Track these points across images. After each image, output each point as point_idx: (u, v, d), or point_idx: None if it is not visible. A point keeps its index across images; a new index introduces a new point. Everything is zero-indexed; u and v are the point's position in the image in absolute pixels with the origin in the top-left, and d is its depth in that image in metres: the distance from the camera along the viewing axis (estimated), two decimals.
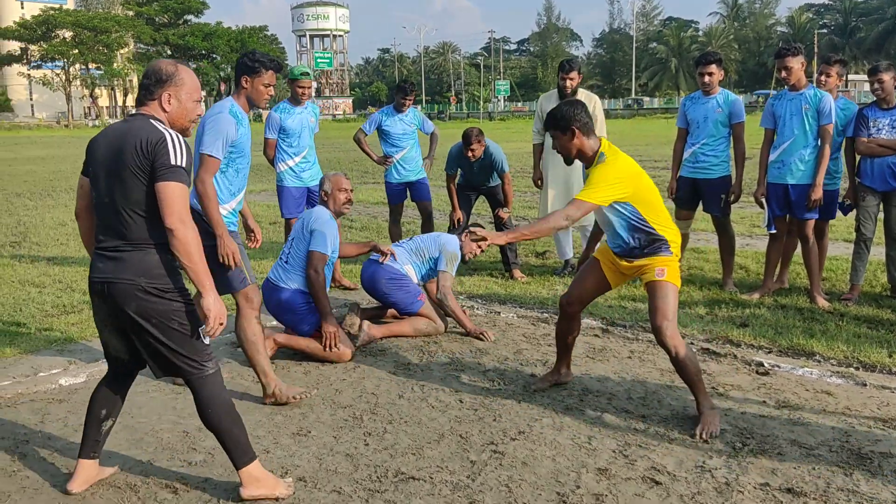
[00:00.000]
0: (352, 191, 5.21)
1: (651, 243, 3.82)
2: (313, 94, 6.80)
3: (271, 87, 4.19)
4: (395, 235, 7.43)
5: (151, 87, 2.98)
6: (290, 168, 6.54)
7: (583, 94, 6.86)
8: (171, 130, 2.89)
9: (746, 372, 4.52)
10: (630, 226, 3.80)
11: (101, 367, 4.75)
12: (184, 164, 2.85)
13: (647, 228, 3.79)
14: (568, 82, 6.74)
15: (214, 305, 2.90)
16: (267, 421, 3.95)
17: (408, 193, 7.48)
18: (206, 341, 3.02)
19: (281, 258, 5.10)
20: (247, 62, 4.13)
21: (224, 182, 4.11)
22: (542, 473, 3.35)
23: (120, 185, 2.86)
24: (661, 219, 3.83)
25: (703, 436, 3.61)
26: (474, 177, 7.15)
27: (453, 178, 7.21)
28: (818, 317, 5.52)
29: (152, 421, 3.97)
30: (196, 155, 4.00)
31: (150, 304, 2.89)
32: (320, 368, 4.73)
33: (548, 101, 7.01)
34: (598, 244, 4.29)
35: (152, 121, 2.91)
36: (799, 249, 6.15)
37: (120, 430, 3.83)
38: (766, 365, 4.59)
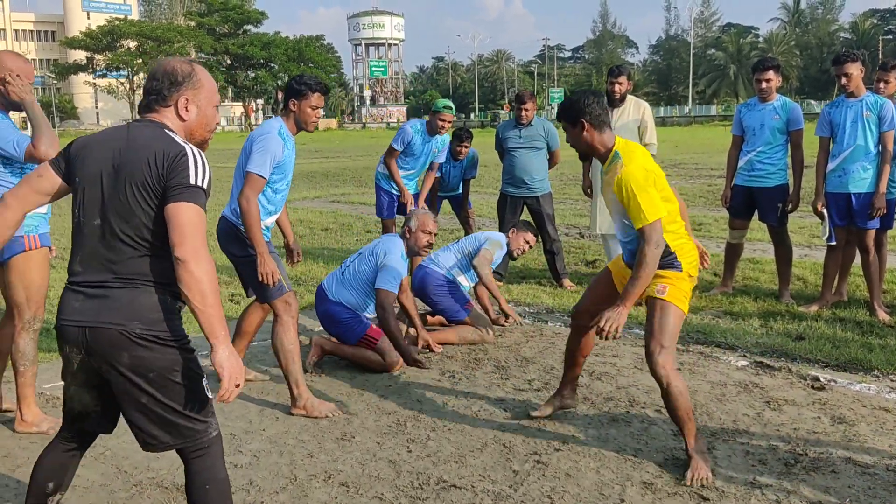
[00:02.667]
0: (435, 234, 5.14)
1: (663, 254, 3.42)
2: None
3: (319, 110, 4.20)
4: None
5: (164, 90, 2.45)
6: (389, 175, 6.72)
7: (632, 101, 6.78)
8: (190, 144, 2.40)
9: (801, 386, 4.38)
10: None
11: None
12: (205, 186, 2.35)
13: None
14: (616, 87, 6.67)
15: (229, 361, 2.28)
16: (312, 425, 3.98)
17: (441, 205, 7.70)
18: (210, 395, 2.46)
19: (340, 268, 5.11)
20: (294, 85, 4.13)
21: (262, 201, 4.12)
22: (586, 485, 3.30)
23: (118, 205, 2.32)
24: (676, 227, 3.48)
25: (696, 482, 3.25)
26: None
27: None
28: (878, 330, 5.34)
29: None
30: (240, 171, 4.08)
31: (147, 356, 2.32)
32: (365, 375, 4.75)
33: None
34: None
35: (167, 131, 2.41)
36: (858, 261, 5.96)
37: None
38: (822, 380, 4.45)
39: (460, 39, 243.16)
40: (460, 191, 7.62)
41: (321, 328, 5.42)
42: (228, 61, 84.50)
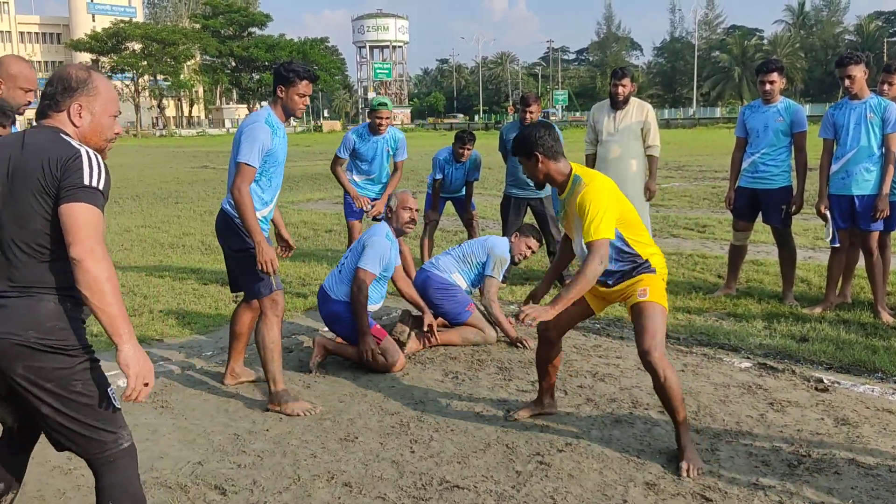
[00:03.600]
0: (417, 210, 5.18)
1: (633, 266, 3.57)
2: (393, 121, 6.80)
3: (306, 97, 4.21)
4: (427, 246, 7.63)
5: (57, 95, 2.41)
6: (354, 181, 6.68)
7: (635, 103, 6.78)
8: (87, 147, 2.35)
9: (805, 388, 4.38)
10: (615, 248, 3.54)
11: (160, 368, 4.88)
12: (101, 187, 2.29)
13: (630, 251, 3.55)
14: (620, 89, 6.67)
15: (135, 359, 2.25)
16: (315, 426, 3.99)
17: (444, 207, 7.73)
18: (118, 404, 2.40)
19: (337, 267, 5.15)
20: (282, 72, 4.14)
21: (257, 190, 4.14)
22: (589, 486, 3.30)
23: (13, 211, 2.27)
24: (644, 238, 3.60)
25: (691, 473, 3.35)
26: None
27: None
28: (882, 332, 5.33)
29: (204, 423, 4.04)
30: (232, 163, 4.09)
31: (44, 366, 2.25)
32: (369, 375, 4.76)
33: (599, 111, 6.95)
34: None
35: (62, 135, 2.37)
36: (862, 262, 5.96)
37: (173, 431, 3.92)
38: (825, 381, 4.45)
39: (464, 42, 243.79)
40: (463, 192, 7.66)
41: (326, 329, 5.43)
42: (233, 63, 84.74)
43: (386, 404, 4.28)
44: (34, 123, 2.47)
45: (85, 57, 78.71)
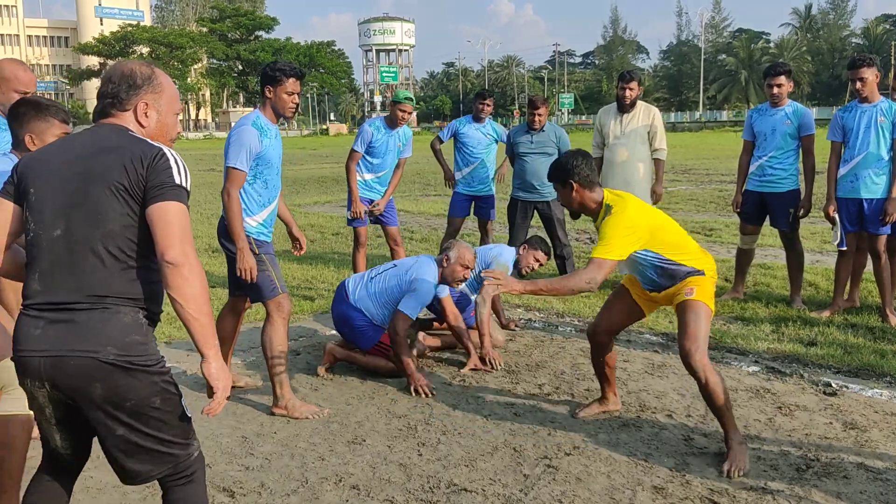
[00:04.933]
0: (472, 269, 4.99)
1: (677, 276, 3.60)
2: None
3: (295, 95, 4.17)
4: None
5: (121, 93, 2.25)
6: (364, 181, 6.59)
7: (642, 106, 6.79)
8: (164, 146, 2.21)
9: (813, 392, 4.37)
10: (655, 267, 3.61)
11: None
12: (188, 187, 2.19)
13: (673, 267, 3.58)
14: (627, 92, 6.67)
15: (224, 373, 2.18)
16: (323, 429, 3.99)
17: (471, 210, 7.48)
18: (189, 413, 2.28)
19: (369, 273, 5.04)
20: (268, 72, 4.12)
21: (253, 194, 4.14)
22: (597, 490, 3.30)
23: (86, 212, 2.09)
24: (689, 251, 3.61)
25: (733, 473, 3.37)
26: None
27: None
28: (890, 336, 5.32)
29: (212, 425, 4.05)
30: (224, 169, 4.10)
31: (123, 384, 2.08)
32: (376, 378, 4.76)
33: (606, 114, 6.95)
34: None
35: (131, 132, 2.23)
36: (870, 266, 5.94)
37: None
38: (833, 385, 4.43)
39: (471, 45, 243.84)
40: (491, 188, 7.40)
41: (333, 333, 5.43)
42: (240, 67, 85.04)
43: (393, 407, 4.29)
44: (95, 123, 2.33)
45: (93, 60, 79.11)
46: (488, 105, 7.28)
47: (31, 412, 2.66)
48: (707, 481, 3.34)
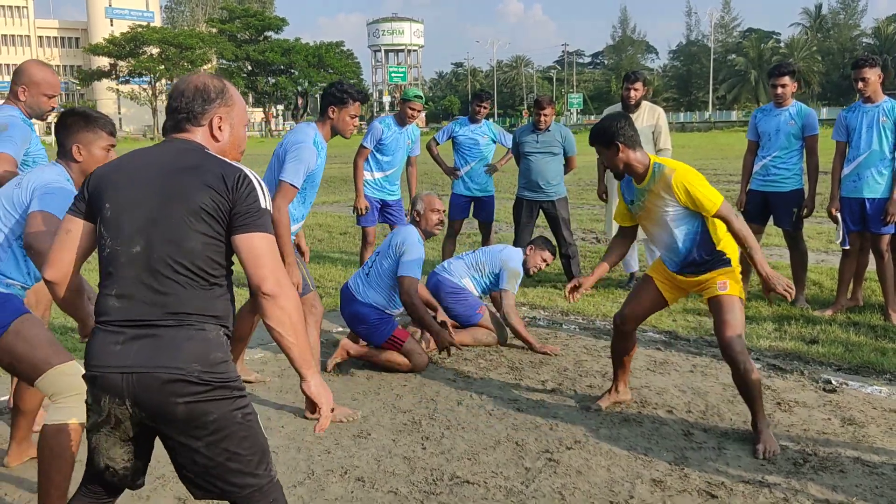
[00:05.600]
0: (444, 211, 5.15)
1: (711, 257, 3.75)
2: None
3: (356, 119, 4.27)
4: (449, 252, 7.31)
5: (196, 108, 2.21)
6: (373, 179, 6.67)
7: (647, 106, 6.84)
8: (243, 167, 2.19)
9: (813, 389, 4.42)
10: (694, 240, 3.73)
11: None
12: (271, 209, 2.18)
13: (710, 243, 3.72)
14: (632, 93, 6.72)
15: (324, 390, 2.18)
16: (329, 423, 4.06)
17: (471, 211, 7.54)
18: (265, 437, 2.25)
19: (363, 269, 5.13)
20: (335, 93, 4.16)
21: (291, 209, 4.19)
22: (596, 482, 3.36)
23: (167, 230, 2.07)
24: (722, 232, 3.75)
25: (766, 455, 3.54)
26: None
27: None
28: (892, 334, 5.36)
29: None
30: (273, 178, 4.12)
31: (207, 401, 2.05)
32: (382, 374, 4.83)
33: None
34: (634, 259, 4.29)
35: (207, 151, 2.20)
36: (873, 265, 5.98)
37: None
38: (833, 382, 4.48)
39: (480, 45, 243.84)
40: (490, 189, 7.44)
41: (340, 329, 5.51)
42: (249, 67, 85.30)
43: (398, 403, 4.36)
44: (164, 138, 2.28)
45: (103, 61, 79.52)
46: (485, 108, 7.34)
47: (81, 422, 2.75)
48: (705, 475, 3.40)
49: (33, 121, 3.92)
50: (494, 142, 7.43)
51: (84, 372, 2.14)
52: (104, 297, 2.11)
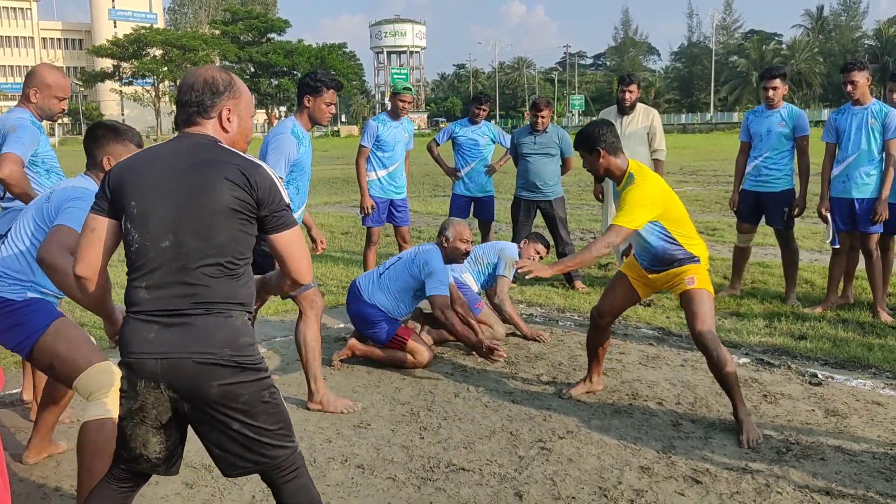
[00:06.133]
0: (472, 243, 5.19)
1: (679, 256, 3.92)
2: (385, 107, 6.92)
3: (333, 106, 4.41)
4: None
5: (206, 101, 2.31)
6: (378, 179, 6.81)
7: (641, 108, 6.98)
8: (257, 160, 2.30)
9: (799, 382, 4.56)
10: (659, 242, 3.90)
11: None
12: (288, 200, 2.31)
13: (673, 246, 3.90)
14: (627, 94, 6.86)
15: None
16: (330, 414, 4.21)
17: (471, 210, 7.68)
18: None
19: (378, 270, 5.20)
20: (309, 82, 4.34)
21: None
22: (587, 469, 3.50)
23: (194, 225, 2.18)
24: (688, 231, 3.93)
25: (750, 443, 3.69)
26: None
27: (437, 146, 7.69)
28: (879, 331, 5.50)
29: None
30: None
31: (238, 382, 2.20)
32: (382, 368, 4.97)
33: (607, 116, 7.13)
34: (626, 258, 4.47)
35: (220, 143, 2.31)
36: (862, 264, 6.12)
37: None
38: (819, 376, 4.62)
39: (482, 47, 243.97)
40: (490, 189, 7.59)
41: (342, 325, 5.65)
42: (252, 69, 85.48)
43: (397, 395, 4.50)
44: (177, 133, 2.38)
45: (106, 63, 79.78)
46: (484, 109, 7.50)
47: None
48: (691, 462, 3.54)
49: (43, 122, 4.06)
50: (494, 142, 7.59)
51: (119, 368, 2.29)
52: (135, 288, 2.22)
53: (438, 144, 7.70)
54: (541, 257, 5.97)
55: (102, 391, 2.95)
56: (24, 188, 3.78)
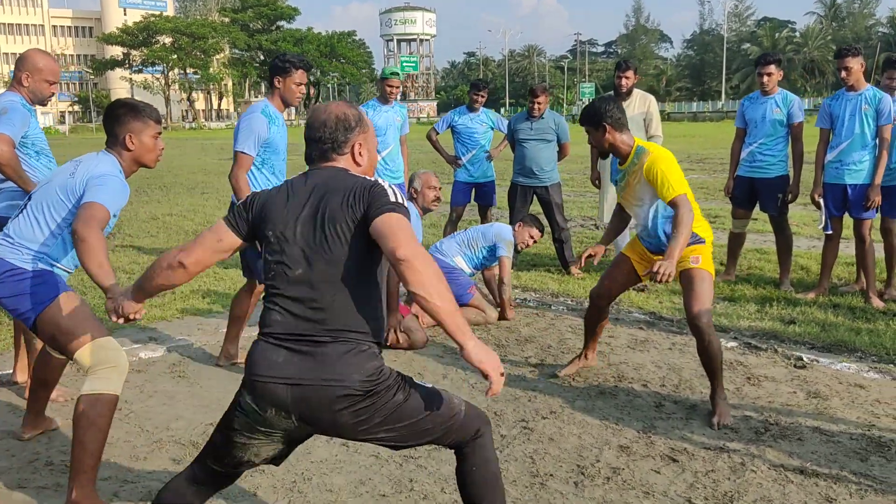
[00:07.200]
0: (440, 188, 5.34)
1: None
2: (400, 95, 6.94)
3: (302, 86, 4.48)
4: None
5: (339, 137, 2.37)
6: None
7: (638, 94, 6.99)
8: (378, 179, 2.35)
9: (784, 365, 4.60)
10: (669, 219, 3.92)
11: (178, 342, 5.21)
12: (406, 205, 2.29)
13: None
14: (623, 80, 6.88)
15: (486, 353, 2.18)
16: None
17: (472, 197, 7.72)
18: (429, 385, 2.41)
19: None
20: (278, 63, 4.43)
21: (262, 179, 4.42)
22: (567, 448, 3.56)
23: (325, 254, 2.23)
24: (696, 213, 3.91)
25: (720, 425, 3.72)
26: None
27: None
28: (869, 315, 5.53)
29: (217, 391, 4.35)
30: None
31: (370, 406, 2.21)
32: None
33: None
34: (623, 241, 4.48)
35: (351, 173, 2.37)
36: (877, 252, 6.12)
37: (188, 398, 4.25)
38: (804, 359, 4.66)
39: (492, 34, 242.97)
40: (491, 174, 7.64)
41: None
42: (262, 57, 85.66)
43: None
44: (310, 168, 2.41)
45: (116, 50, 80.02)
46: (482, 96, 7.54)
47: (116, 393, 2.97)
48: (670, 441, 3.60)
49: (35, 107, 4.15)
50: (493, 129, 7.64)
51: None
52: (269, 310, 2.29)
53: (438, 133, 7.74)
54: (535, 241, 6.03)
55: (101, 366, 3.02)
56: (16, 168, 3.86)
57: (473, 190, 7.69)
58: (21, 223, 3.16)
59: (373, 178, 2.33)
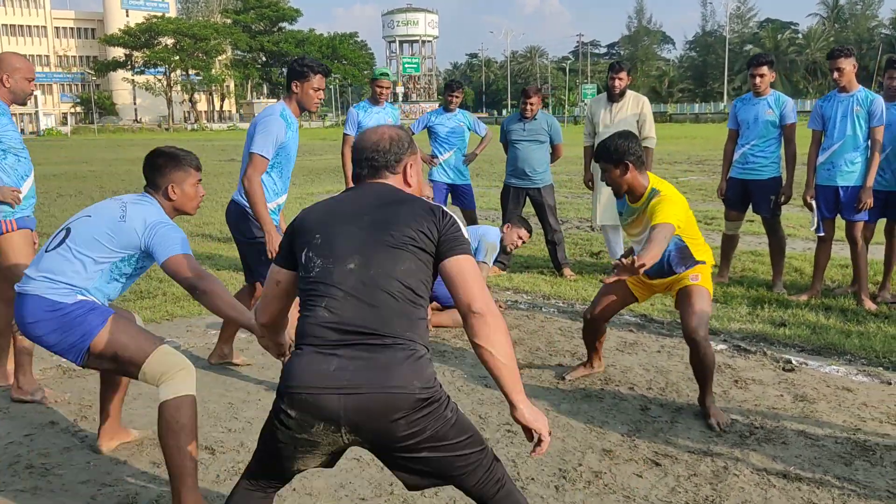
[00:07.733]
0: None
1: (685, 262, 3.91)
2: (397, 96, 6.92)
3: (321, 91, 4.40)
4: None
5: (392, 157, 2.37)
6: None
7: (631, 96, 6.98)
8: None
9: (772, 368, 4.58)
10: (673, 251, 3.88)
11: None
12: (470, 240, 2.28)
13: (685, 253, 3.88)
14: (617, 82, 6.87)
15: (539, 415, 2.20)
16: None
17: (448, 199, 7.68)
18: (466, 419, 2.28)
19: None
20: (296, 67, 4.33)
21: (269, 182, 4.35)
22: (550, 452, 3.53)
23: (384, 249, 2.17)
24: (700, 241, 3.94)
25: (721, 426, 3.72)
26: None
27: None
28: (860, 318, 5.50)
29: (202, 393, 4.29)
30: (246, 154, 4.32)
31: (425, 416, 2.09)
32: None
33: (597, 104, 7.16)
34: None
35: (405, 191, 2.37)
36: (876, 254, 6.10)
37: None
38: (793, 362, 4.64)
39: (494, 36, 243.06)
40: (466, 176, 7.56)
41: None
42: (263, 58, 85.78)
43: None
44: (362, 183, 2.39)
45: (119, 52, 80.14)
46: (457, 97, 7.49)
47: (192, 395, 2.97)
48: (654, 445, 3.58)
49: (11, 107, 4.18)
50: (469, 129, 7.60)
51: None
52: (311, 316, 2.18)
53: (414, 133, 7.71)
54: (523, 241, 6.00)
55: (170, 372, 3.02)
56: None
57: (450, 193, 7.67)
58: (60, 261, 3.06)
59: (436, 204, 2.31)
